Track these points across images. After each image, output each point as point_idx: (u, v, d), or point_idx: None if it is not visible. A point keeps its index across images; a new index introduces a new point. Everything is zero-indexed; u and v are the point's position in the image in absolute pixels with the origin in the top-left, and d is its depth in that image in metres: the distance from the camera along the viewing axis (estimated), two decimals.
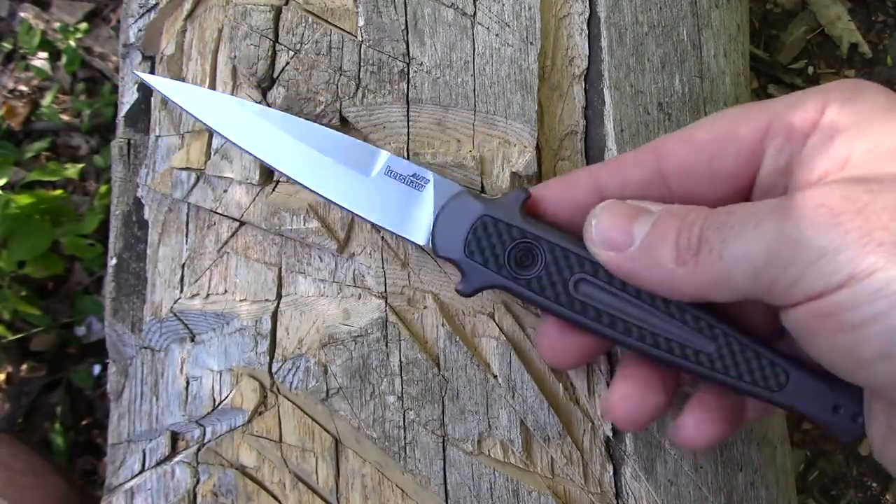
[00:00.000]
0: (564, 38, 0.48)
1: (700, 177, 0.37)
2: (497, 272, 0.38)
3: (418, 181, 0.41)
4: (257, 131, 0.42)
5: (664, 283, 0.34)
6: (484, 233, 0.39)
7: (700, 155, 0.36)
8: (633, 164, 0.38)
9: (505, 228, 0.38)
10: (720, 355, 0.36)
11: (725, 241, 0.31)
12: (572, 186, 0.39)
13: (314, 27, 0.46)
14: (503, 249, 0.38)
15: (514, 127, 0.46)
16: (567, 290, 0.37)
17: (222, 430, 0.47)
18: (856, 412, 0.35)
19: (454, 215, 0.39)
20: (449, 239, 0.39)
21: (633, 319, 0.37)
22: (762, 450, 0.49)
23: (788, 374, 0.36)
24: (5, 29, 1.30)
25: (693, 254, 0.32)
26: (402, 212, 0.40)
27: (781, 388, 0.36)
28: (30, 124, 1.26)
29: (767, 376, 0.36)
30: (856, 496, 1.19)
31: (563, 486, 0.44)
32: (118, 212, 0.55)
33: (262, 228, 0.47)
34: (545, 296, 0.38)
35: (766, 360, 0.36)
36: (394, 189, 0.41)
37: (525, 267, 0.38)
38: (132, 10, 0.56)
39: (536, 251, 0.38)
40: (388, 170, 0.41)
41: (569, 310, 0.38)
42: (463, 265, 0.39)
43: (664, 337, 0.37)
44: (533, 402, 0.44)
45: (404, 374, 0.44)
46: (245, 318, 0.47)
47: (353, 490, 0.44)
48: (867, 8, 1.42)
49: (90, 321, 1.16)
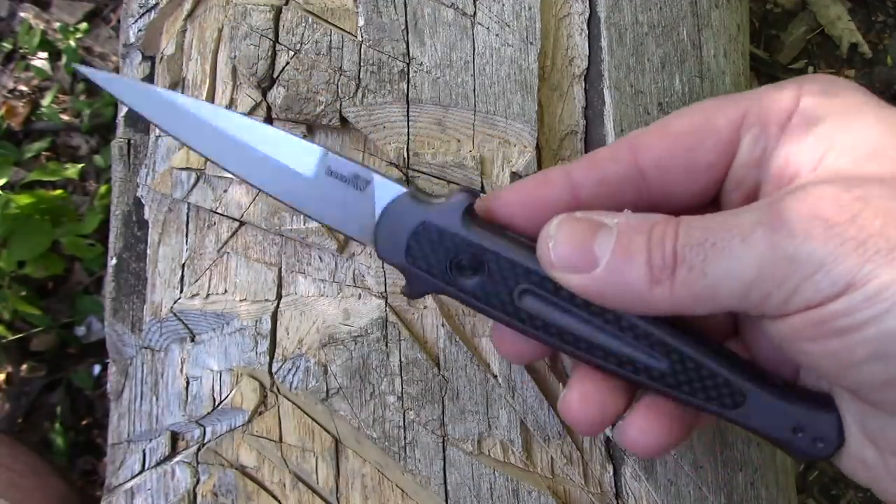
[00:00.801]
0: (564, 38, 0.48)
1: (677, 169, 0.36)
2: (440, 280, 0.37)
3: (360, 181, 0.39)
4: (197, 124, 0.40)
5: (637, 304, 0.32)
6: (425, 240, 0.37)
7: (677, 147, 0.35)
8: (608, 159, 0.36)
9: (446, 237, 0.36)
10: (674, 372, 0.35)
11: (707, 259, 0.30)
12: (545, 186, 0.37)
13: (314, 27, 0.46)
14: (445, 257, 0.36)
15: (514, 127, 0.46)
16: (512, 301, 0.36)
17: (222, 430, 0.47)
18: (816, 436, 0.34)
19: (396, 219, 0.38)
20: (391, 243, 0.38)
21: (582, 334, 0.35)
22: (762, 450, 0.49)
23: (745, 394, 0.34)
24: (5, 29, 1.30)
25: (669, 273, 0.31)
26: (344, 212, 0.39)
27: (738, 406, 0.35)
28: (30, 124, 1.26)
29: (723, 394, 0.35)
30: (856, 496, 1.19)
31: (563, 486, 0.44)
32: (118, 212, 0.55)
33: (262, 228, 0.47)
34: (490, 305, 0.36)
35: (721, 378, 0.35)
36: (335, 189, 0.39)
37: (468, 276, 0.36)
38: (132, 10, 0.56)
39: (480, 259, 0.36)
40: (328, 170, 0.39)
41: (514, 320, 0.36)
42: (405, 271, 0.38)
43: (615, 354, 0.35)
44: (533, 402, 0.44)
45: (404, 374, 0.44)
46: (245, 318, 0.47)
47: (353, 490, 0.44)
48: (867, 8, 1.42)
49: (90, 321, 1.17)
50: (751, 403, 0.35)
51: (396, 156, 0.45)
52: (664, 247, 0.31)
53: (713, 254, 0.30)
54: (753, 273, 0.29)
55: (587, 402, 0.37)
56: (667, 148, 0.35)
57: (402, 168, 0.45)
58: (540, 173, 0.38)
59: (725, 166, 0.35)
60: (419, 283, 0.37)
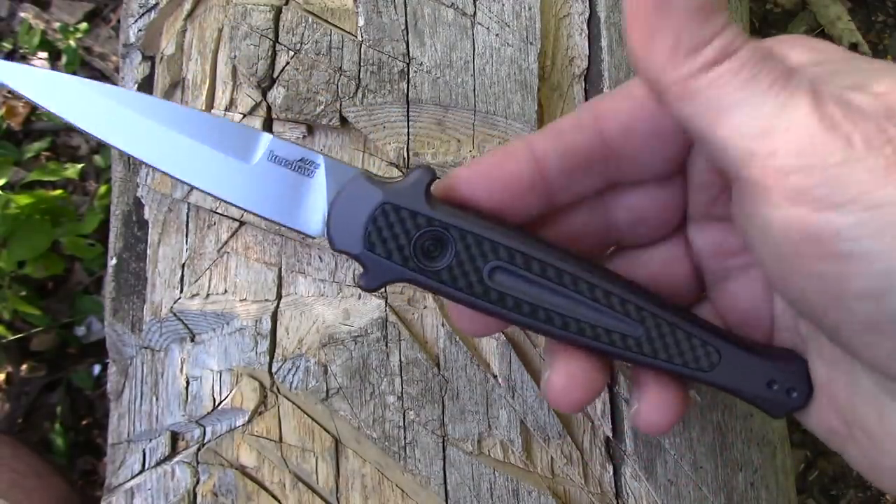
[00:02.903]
0: (564, 38, 0.48)
1: (643, 135, 0.34)
2: (402, 265, 0.34)
3: (307, 166, 0.36)
4: (115, 116, 0.36)
5: (658, 66, 0.28)
6: (385, 223, 0.34)
7: (642, 113, 0.33)
8: (571, 128, 0.34)
9: (409, 216, 0.34)
10: (649, 338, 0.34)
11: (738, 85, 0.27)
12: (506, 160, 0.34)
13: (314, 27, 0.46)
14: (408, 240, 0.34)
15: (514, 127, 0.46)
16: (482, 280, 0.34)
17: (222, 430, 0.47)
18: (790, 387, 0.34)
19: (350, 204, 0.35)
20: (346, 231, 0.34)
21: (554, 307, 0.34)
22: (762, 450, 0.49)
23: (720, 353, 0.34)
24: (5, 29, 1.30)
25: (699, 67, 0.27)
26: (291, 201, 0.36)
27: (714, 367, 0.34)
28: (30, 124, 1.26)
29: (699, 356, 0.34)
30: (856, 496, 1.19)
31: (563, 486, 0.44)
32: (118, 212, 0.55)
33: (262, 228, 0.47)
34: (457, 287, 0.34)
35: (696, 339, 0.34)
36: (280, 176, 0.36)
37: (433, 257, 0.34)
38: (132, 10, 0.56)
39: (445, 239, 0.34)
40: (271, 155, 0.36)
41: (484, 301, 0.34)
42: (364, 260, 0.34)
43: (589, 323, 0.34)
44: (533, 402, 0.44)
45: (404, 374, 0.44)
46: (245, 318, 0.47)
47: (353, 490, 0.44)
48: (867, 8, 1.42)
49: (90, 321, 1.17)
50: (725, 363, 0.34)
51: (396, 156, 0.45)
52: (717, 44, 0.28)
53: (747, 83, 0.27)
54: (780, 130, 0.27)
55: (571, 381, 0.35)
56: (631, 113, 0.34)
57: (402, 168, 0.45)
58: (500, 148, 0.36)
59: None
60: (380, 271, 0.35)
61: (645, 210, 0.37)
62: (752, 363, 0.35)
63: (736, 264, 0.37)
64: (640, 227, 0.37)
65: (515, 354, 0.44)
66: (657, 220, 0.37)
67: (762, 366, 0.34)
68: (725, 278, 0.37)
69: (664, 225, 0.37)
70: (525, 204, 0.35)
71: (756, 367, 0.34)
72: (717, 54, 0.27)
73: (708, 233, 0.37)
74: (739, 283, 0.37)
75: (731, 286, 0.37)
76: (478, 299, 0.34)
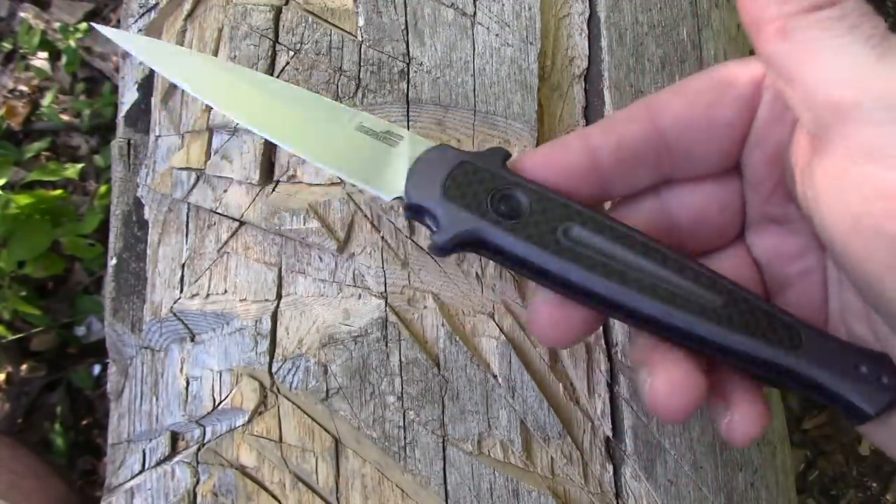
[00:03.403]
0: (564, 38, 0.48)
1: (697, 128, 0.34)
2: (478, 215, 0.34)
3: (392, 137, 0.38)
4: (222, 84, 0.40)
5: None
6: (464, 178, 0.35)
7: (697, 104, 0.34)
8: (625, 121, 0.35)
9: (487, 175, 0.35)
10: (727, 310, 0.32)
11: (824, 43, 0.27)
12: (561, 151, 0.35)
13: (314, 27, 0.46)
14: (486, 194, 0.34)
15: (514, 127, 0.46)
16: (555, 238, 0.33)
17: (222, 430, 0.47)
18: (880, 376, 0.30)
19: (431, 165, 0.35)
20: (424, 186, 0.35)
21: (630, 269, 0.32)
22: (762, 450, 0.49)
23: (801, 334, 0.31)
24: (5, 29, 1.30)
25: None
26: (374, 166, 0.38)
27: (796, 347, 0.31)
28: (30, 124, 1.26)
29: (781, 335, 0.31)
30: (856, 496, 1.19)
31: (563, 486, 0.44)
32: (118, 212, 0.55)
33: (262, 228, 0.47)
34: (532, 242, 0.33)
35: (776, 315, 0.32)
36: (366, 144, 0.38)
37: (508, 213, 0.34)
38: (132, 10, 0.56)
39: (520, 198, 0.34)
40: (360, 126, 0.39)
41: (557, 257, 0.33)
42: (439, 211, 0.34)
43: (666, 289, 0.32)
44: (533, 402, 0.44)
45: (404, 374, 0.44)
46: (245, 318, 0.47)
47: (353, 490, 0.44)
48: None
49: (90, 321, 1.17)
50: (807, 344, 0.31)
51: None
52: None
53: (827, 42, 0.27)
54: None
55: (675, 387, 0.33)
56: (685, 106, 0.34)
57: None
58: (559, 139, 0.36)
59: (746, 124, 0.34)
60: (454, 223, 0.34)
61: (704, 209, 0.36)
62: (834, 346, 0.31)
63: (795, 270, 0.36)
64: (701, 228, 0.37)
65: (515, 354, 0.44)
66: (717, 221, 0.37)
67: (848, 351, 0.31)
68: (786, 286, 0.36)
69: (724, 227, 0.37)
70: (580, 193, 0.35)
71: (842, 352, 0.31)
72: (823, 0, 0.27)
73: (766, 237, 0.36)
74: (798, 291, 0.36)
75: (792, 294, 0.36)
76: (552, 256, 0.33)
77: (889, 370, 0.31)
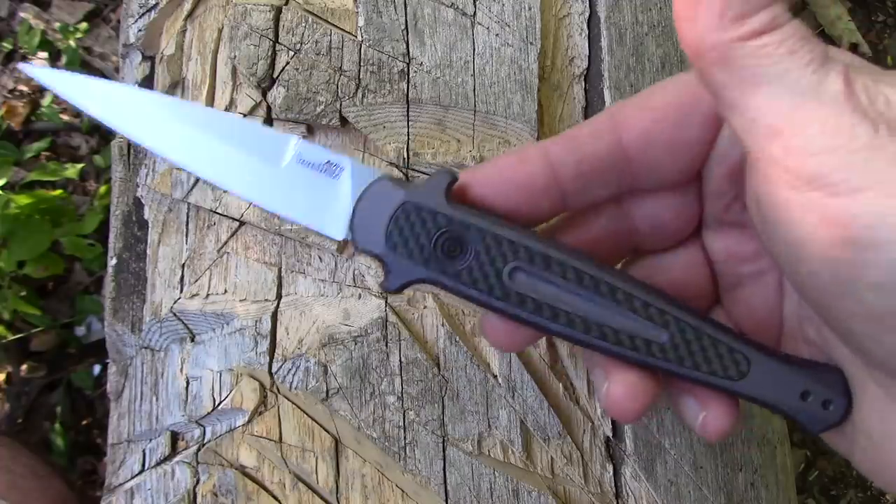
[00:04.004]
0: (564, 38, 0.48)
1: (661, 145, 0.34)
2: (423, 265, 0.34)
3: (333, 168, 0.36)
4: (150, 119, 0.37)
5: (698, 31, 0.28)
6: (406, 222, 0.34)
7: (663, 122, 0.33)
8: (589, 136, 0.34)
9: (429, 216, 0.34)
10: (674, 345, 0.33)
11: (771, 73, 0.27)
12: (520, 164, 0.35)
13: (314, 27, 0.46)
14: (428, 239, 0.34)
15: (514, 127, 0.46)
16: (501, 281, 0.34)
17: (222, 430, 0.47)
18: (827, 398, 0.32)
19: (374, 204, 0.35)
20: (369, 231, 0.35)
21: (576, 310, 0.33)
22: (762, 450, 0.49)
23: (749, 361, 0.33)
24: (5, 29, 1.30)
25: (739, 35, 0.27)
26: (316, 204, 0.36)
27: (743, 376, 0.33)
28: (30, 124, 1.26)
29: (727, 365, 0.33)
30: (856, 496, 1.19)
31: (563, 486, 0.44)
32: (118, 212, 0.55)
33: (262, 228, 0.47)
34: (477, 288, 0.34)
35: (724, 346, 0.33)
36: (307, 179, 0.36)
37: (454, 257, 0.34)
38: (132, 10, 0.56)
39: (466, 239, 0.34)
40: (299, 158, 0.37)
41: (504, 302, 0.34)
42: (386, 259, 0.35)
43: (612, 328, 0.33)
44: (533, 402, 0.44)
45: (404, 374, 0.44)
46: (245, 318, 0.47)
47: (353, 490, 0.44)
48: (867, 8, 1.42)
49: (90, 321, 1.17)
50: (755, 372, 0.33)
51: (396, 156, 0.45)
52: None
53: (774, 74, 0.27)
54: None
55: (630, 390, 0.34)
56: (651, 122, 0.34)
57: (402, 168, 0.45)
58: (517, 151, 0.36)
59: (710, 141, 0.34)
60: (402, 271, 0.35)
61: (662, 216, 0.37)
62: (783, 372, 0.33)
63: (748, 271, 0.36)
64: (658, 233, 0.37)
65: (515, 354, 0.44)
66: (674, 225, 0.37)
67: (794, 375, 0.33)
68: (738, 285, 0.37)
69: (681, 230, 0.37)
70: (538, 207, 0.35)
71: (788, 377, 0.33)
72: (763, 26, 0.27)
73: (721, 239, 0.37)
74: (751, 290, 0.37)
75: (744, 293, 0.37)
76: (498, 301, 0.34)
77: (837, 388, 0.32)
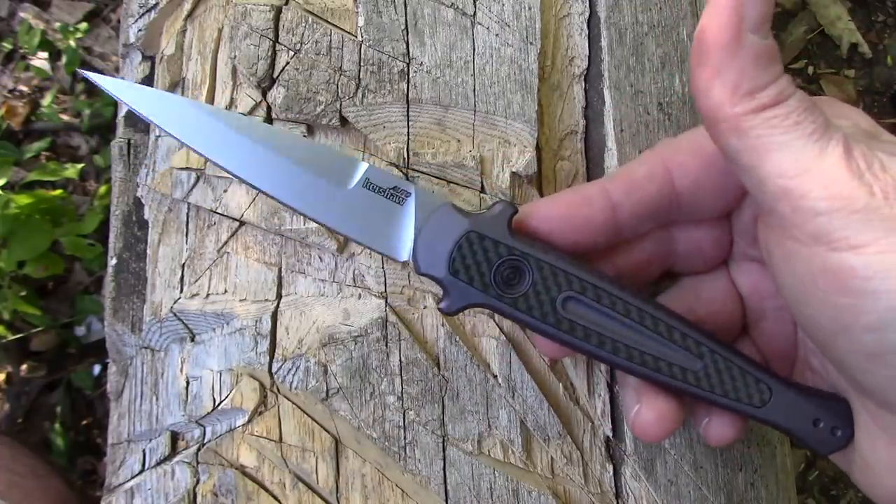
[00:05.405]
0: (564, 38, 0.48)
1: (708, 189, 0.38)
2: (483, 291, 0.37)
3: (399, 194, 0.38)
4: (225, 141, 0.39)
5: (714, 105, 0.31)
6: (469, 250, 0.37)
7: (712, 169, 0.37)
8: (645, 179, 0.38)
9: (492, 245, 0.37)
10: (706, 373, 0.36)
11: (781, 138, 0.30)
12: (585, 205, 0.38)
13: (314, 27, 0.46)
14: (489, 268, 0.36)
15: (514, 127, 0.46)
16: (554, 309, 0.36)
17: (222, 430, 0.47)
18: (835, 426, 0.36)
19: (437, 231, 0.37)
20: (432, 256, 0.37)
21: (621, 338, 0.37)
22: (762, 450, 0.49)
23: (772, 390, 0.36)
24: (5, 29, 1.30)
25: (752, 109, 0.30)
26: (381, 227, 0.38)
27: (765, 404, 0.37)
28: (30, 124, 1.26)
29: (752, 393, 0.37)
30: (856, 496, 1.19)
31: (563, 486, 0.44)
32: (118, 212, 0.55)
33: (262, 228, 0.47)
34: (532, 315, 0.37)
35: (750, 376, 0.36)
36: (373, 203, 0.38)
37: (512, 285, 0.37)
38: (132, 10, 0.56)
39: (524, 268, 0.36)
40: (366, 182, 0.38)
41: (556, 329, 0.37)
42: (447, 284, 0.37)
43: (652, 355, 0.37)
44: (533, 402, 0.44)
45: (404, 374, 0.44)
46: (245, 318, 0.47)
47: (353, 490, 0.44)
48: (867, 8, 1.42)
49: (90, 321, 1.17)
50: (775, 401, 0.36)
51: (396, 156, 0.45)
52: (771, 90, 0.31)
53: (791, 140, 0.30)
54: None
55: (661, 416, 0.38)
56: (701, 168, 0.37)
57: (401, 168, 0.45)
58: (578, 190, 0.39)
59: (744, 187, 0.37)
60: (461, 296, 0.37)
61: (700, 243, 0.41)
62: (800, 402, 0.37)
63: (770, 306, 0.41)
64: (694, 257, 0.41)
65: (515, 354, 0.44)
66: (709, 254, 0.41)
67: (808, 403, 0.36)
68: (761, 318, 0.41)
69: (717, 257, 0.42)
70: (594, 242, 0.39)
71: (803, 405, 0.36)
72: (771, 100, 0.31)
73: (747, 273, 0.41)
74: (772, 324, 0.41)
75: (767, 325, 0.41)
76: (551, 327, 0.37)
77: (843, 418, 0.36)
